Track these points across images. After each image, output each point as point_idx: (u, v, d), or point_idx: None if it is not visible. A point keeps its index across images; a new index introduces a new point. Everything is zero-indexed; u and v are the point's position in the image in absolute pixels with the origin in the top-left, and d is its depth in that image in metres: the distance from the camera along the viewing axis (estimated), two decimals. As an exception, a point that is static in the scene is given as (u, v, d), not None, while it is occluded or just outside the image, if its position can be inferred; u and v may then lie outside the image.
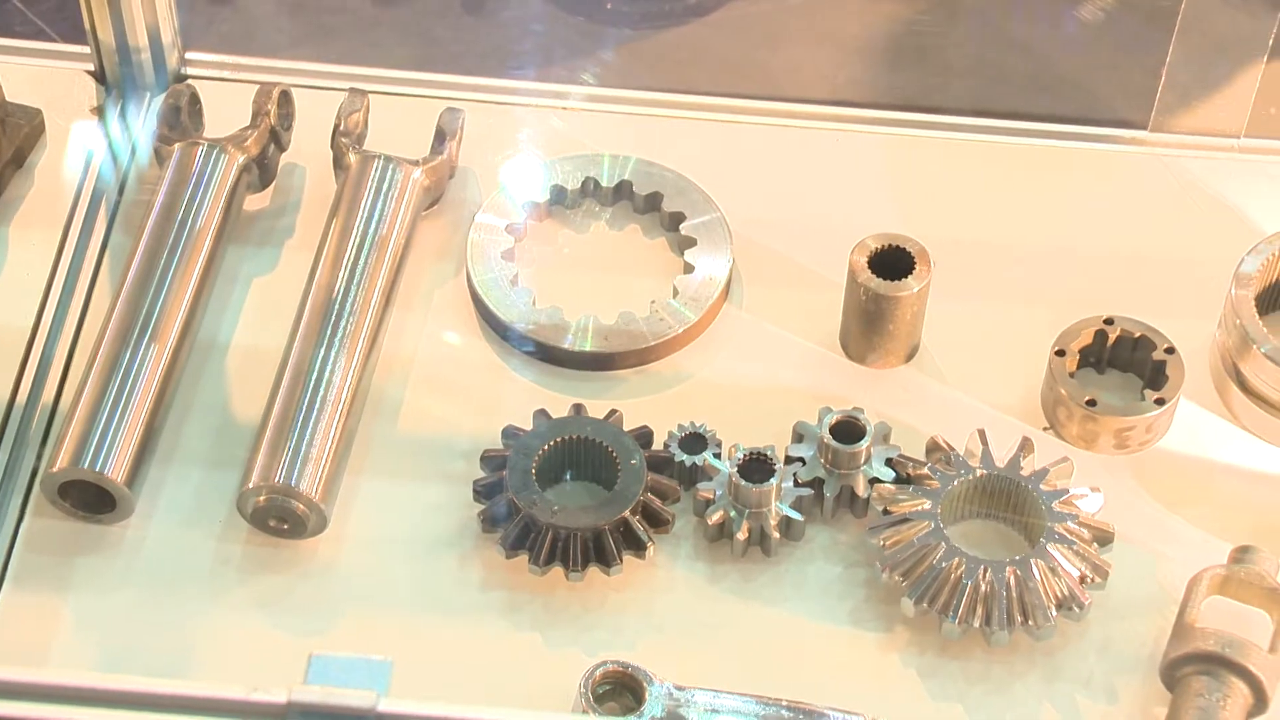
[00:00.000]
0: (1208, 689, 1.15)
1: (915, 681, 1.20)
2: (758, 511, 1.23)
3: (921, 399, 1.32)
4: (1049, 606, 1.19)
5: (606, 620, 1.22)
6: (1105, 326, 1.30)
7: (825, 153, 1.42)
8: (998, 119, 1.44)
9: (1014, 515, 1.25)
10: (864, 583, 1.24)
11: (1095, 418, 1.27)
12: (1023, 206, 1.40)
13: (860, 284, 1.29)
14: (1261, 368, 1.27)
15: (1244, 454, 1.29)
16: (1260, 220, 1.37)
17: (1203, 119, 1.41)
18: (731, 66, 1.49)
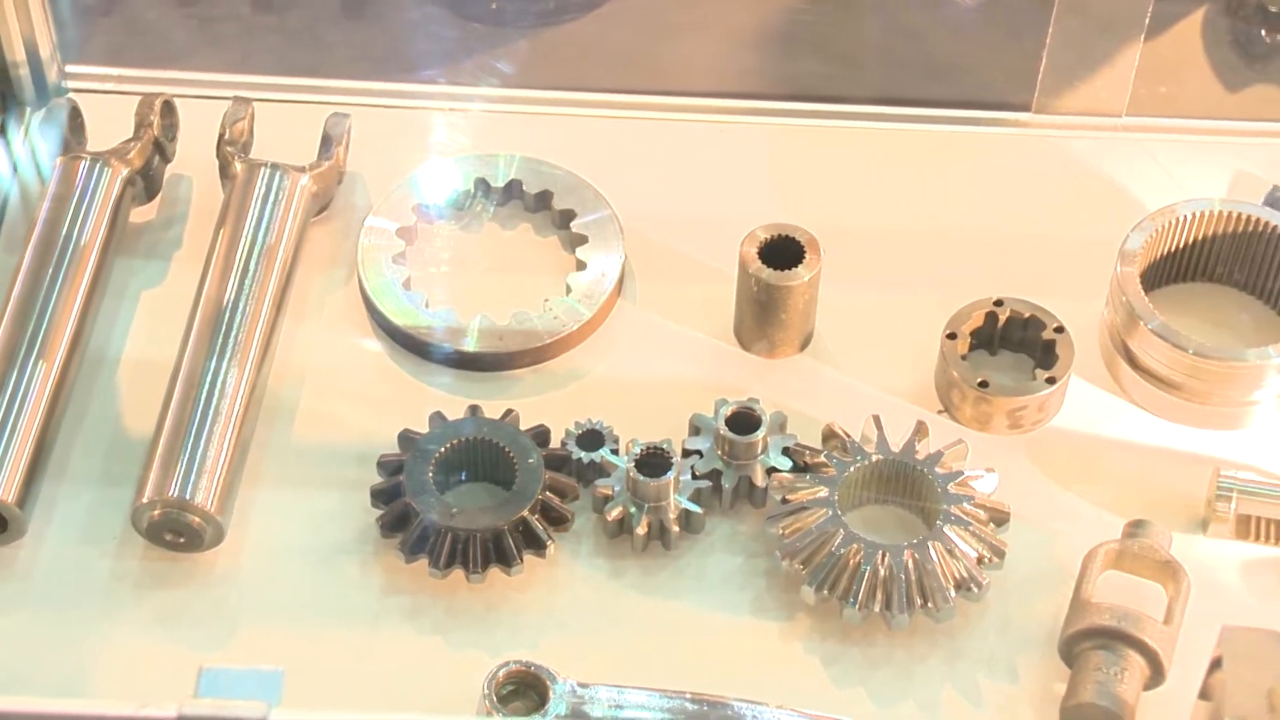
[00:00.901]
0: (1105, 663, 1.16)
1: (818, 668, 1.20)
2: (656, 506, 1.24)
3: (817, 387, 1.32)
4: (948, 588, 1.20)
5: (509, 620, 1.21)
6: (995, 308, 1.32)
7: (713, 145, 1.43)
8: (883, 105, 1.45)
9: (911, 499, 1.26)
10: (764, 572, 1.24)
11: (988, 399, 1.29)
12: (911, 192, 1.41)
13: (751, 275, 1.30)
14: (1149, 343, 1.28)
15: (1135, 429, 1.30)
16: (1144, 197, 1.39)
17: (1085, 99, 1.42)
18: (621, 61, 1.49)
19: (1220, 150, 1.43)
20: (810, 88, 1.46)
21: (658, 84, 1.46)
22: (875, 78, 1.47)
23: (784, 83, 1.47)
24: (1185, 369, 1.28)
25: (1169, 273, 1.35)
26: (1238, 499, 1.23)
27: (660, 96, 1.45)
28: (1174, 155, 1.42)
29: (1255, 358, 1.26)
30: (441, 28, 1.51)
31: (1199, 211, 1.32)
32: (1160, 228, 1.32)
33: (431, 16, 1.51)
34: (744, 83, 1.47)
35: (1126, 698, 1.15)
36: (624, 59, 1.49)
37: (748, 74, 1.48)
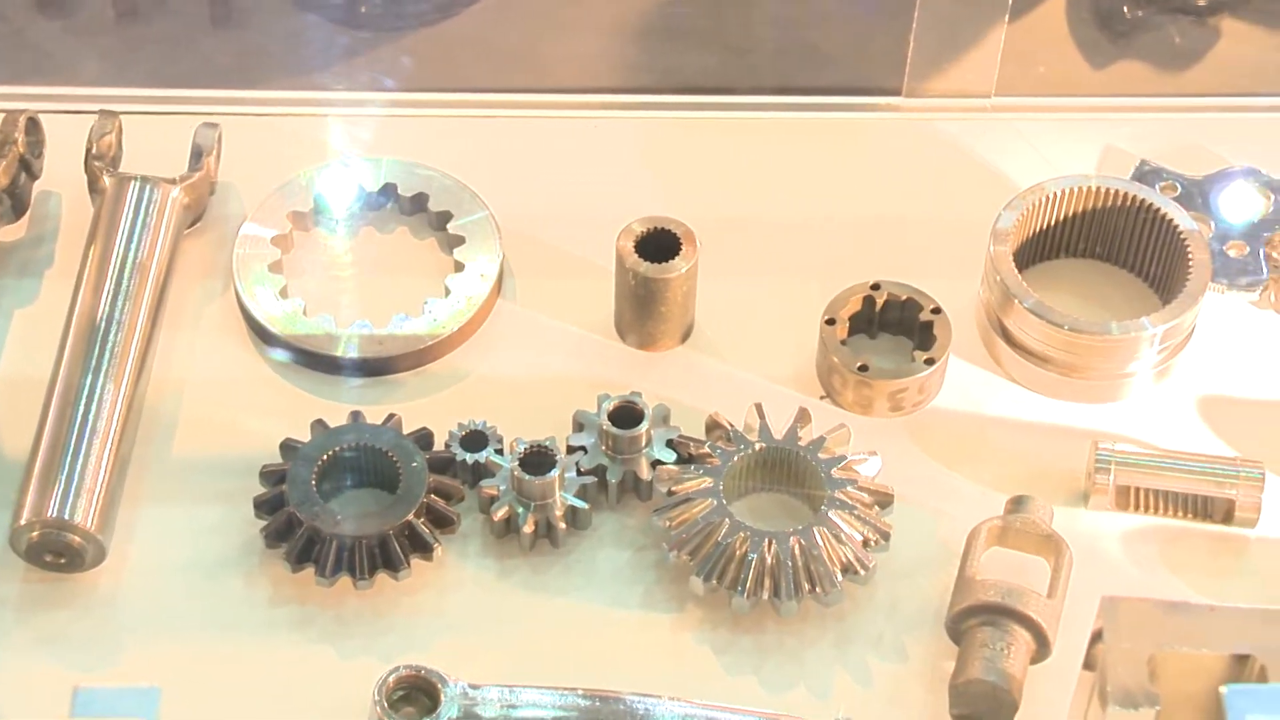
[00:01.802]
0: (991, 639, 1.17)
1: (710, 658, 1.21)
2: (543, 504, 1.23)
3: (699, 378, 1.33)
4: (834, 572, 1.21)
5: (399, 625, 1.21)
6: (872, 292, 1.32)
7: (587, 141, 1.43)
8: (755, 95, 1.45)
9: (795, 485, 1.26)
10: (653, 565, 1.24)
11: (869, 382, 1.29)
12: (785, 179, 1.41)
13: (628, 269, 1.30)
14: (1024, 321, 1.30)
15: (1014, 406, 1.32)
16: (1015, 176, 1.40)
17: (953, 81, 1.43)
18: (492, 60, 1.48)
19: (1089, 127, 1.44)
20: (682, 80, 1.46)
21: (529, 82, 1.46)
22: (746, 68, 1.48)
23: (655, 76, 1.47)
24: (1061, 345, 1.29)
25: (1042, 250, 1.37)
26: (1116, 471, 1.25)
27: (532, 94, 1.45)
28: (1043, 133, 1.44)
29: (1129, 330, 1.28)
30: (311, 34, 1.50)
31: (1068, 188, 1.33)
32: (1031, 206, 1.33)
33: (300, 23, 1.50)
34: (615, 77, 1.47)
35: (1013, 672, 1.16)
36: (495, 58, 1.49)
37: (618, 68, 1.48)
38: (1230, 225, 1.36)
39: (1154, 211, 1.32)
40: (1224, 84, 1.46)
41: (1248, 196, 1.38)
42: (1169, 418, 1.30)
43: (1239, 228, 1.36)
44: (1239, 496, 1.24)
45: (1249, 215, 1.37)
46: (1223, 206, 1.37)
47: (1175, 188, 1.38)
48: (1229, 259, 1.35)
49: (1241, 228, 1.36)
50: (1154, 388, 1.31)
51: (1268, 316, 1.34)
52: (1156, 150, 1.41)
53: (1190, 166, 1.40)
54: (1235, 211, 1.37)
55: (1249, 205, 1.38)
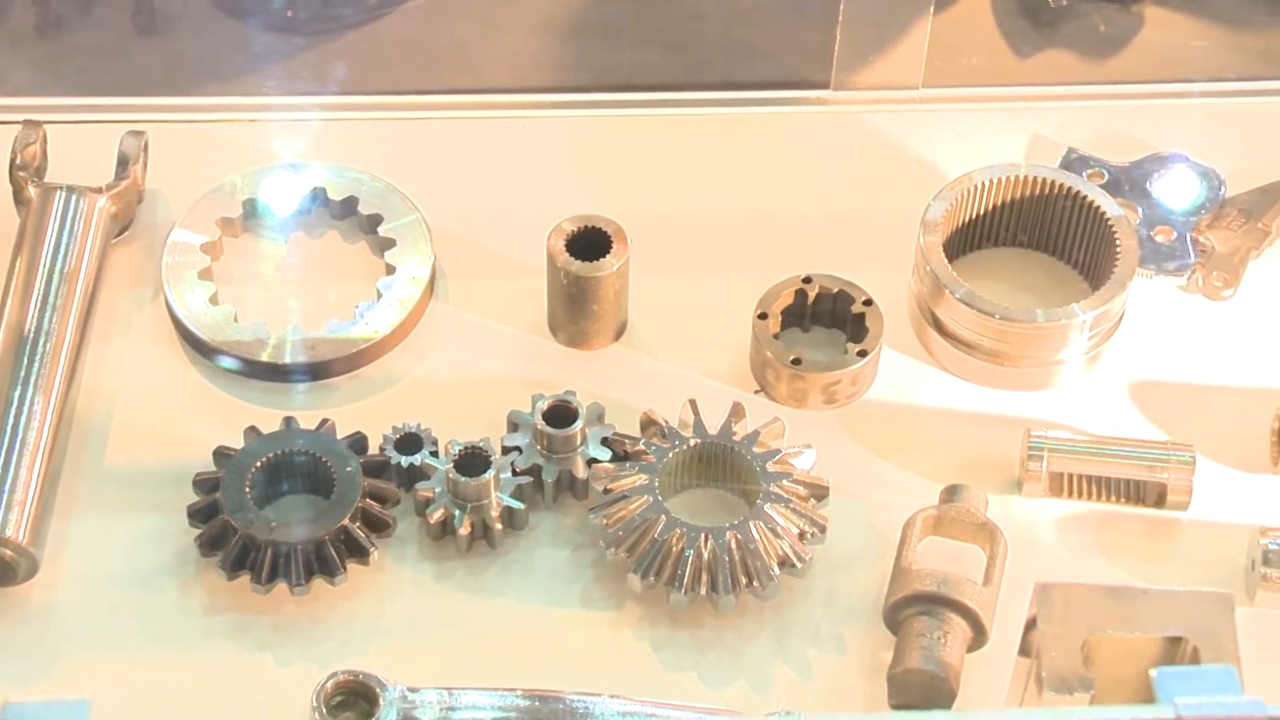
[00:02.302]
0: (928, 628, 1.18)
1: (649, 655, 1.21)
2: (479, 505, 1.23)
3: (633, 375, 1.33)
4: (771, 566, 1.21)
5: (336, 631, 1.21)
6: (804, 285, 1.33)
7: (516, 141, 1.43)
8: (684, 91, 1.45)
9: (731, 480, 1.26)
10: (591, 563, 1.24)
11: (802, 376, 1.30)
12: (716, 175, 1.42)
13: (560, 268, 1.30)
14: (956, 311, 1.30)
15: (947, 396, 1.32)
16: (944, 166, 1.41)
17: (881, 73, 1.44)
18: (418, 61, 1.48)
19: (1016, 116, 1.45)
20: (611, 78, 1.46)
21: (458, 82, 1.45)
22: (674, 65, 1.48)
23: (584, 75, 1.47)
24: (992, 334, 1.30)
25: (972, 239, 1.37)
26: (1049, 457, 1.25)
27: (462, 95, 1.44)
28: (971, 124, 1.44)
29: (1058, 317, 1.29)
30: (237, 40, 1.49)
31: (996, 178, 1.34)
32: (960, 196, 1.33)
33: (226, 29, 1.50)
34: (543, 77, 1.47)
35: (950, 660, 1.17)
36: (423, 59, 1.48)
37: (546, 68, 1.48)
38: (1158, 211, 1.37)
39: (1081, 199, 1.33)
40: (1149, 71, 1.47)
41: (1175, 182, 1.39)
42: (1100, 403, 1.31)
43: (1167, 213, 1.37)
44: (1170, 480, 1.24)
45: (1176, 201, 1.38)
46: (1151, 192, 1.38)
47: (1103, 175, 1.39)
48: (1157, 244, 1.36)
49: (1169, 213, 1.37)
50: (1085, 374, 1.32)
51: (1196, 301, 1.35)
52: (1084, 138, 1.42)
53: (1117, 153, 1.41)
54: (1163, 197, 1.38)
55: (1177, 191, 1.39)
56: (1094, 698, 1.05)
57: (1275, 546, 1.20)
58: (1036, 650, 1.08)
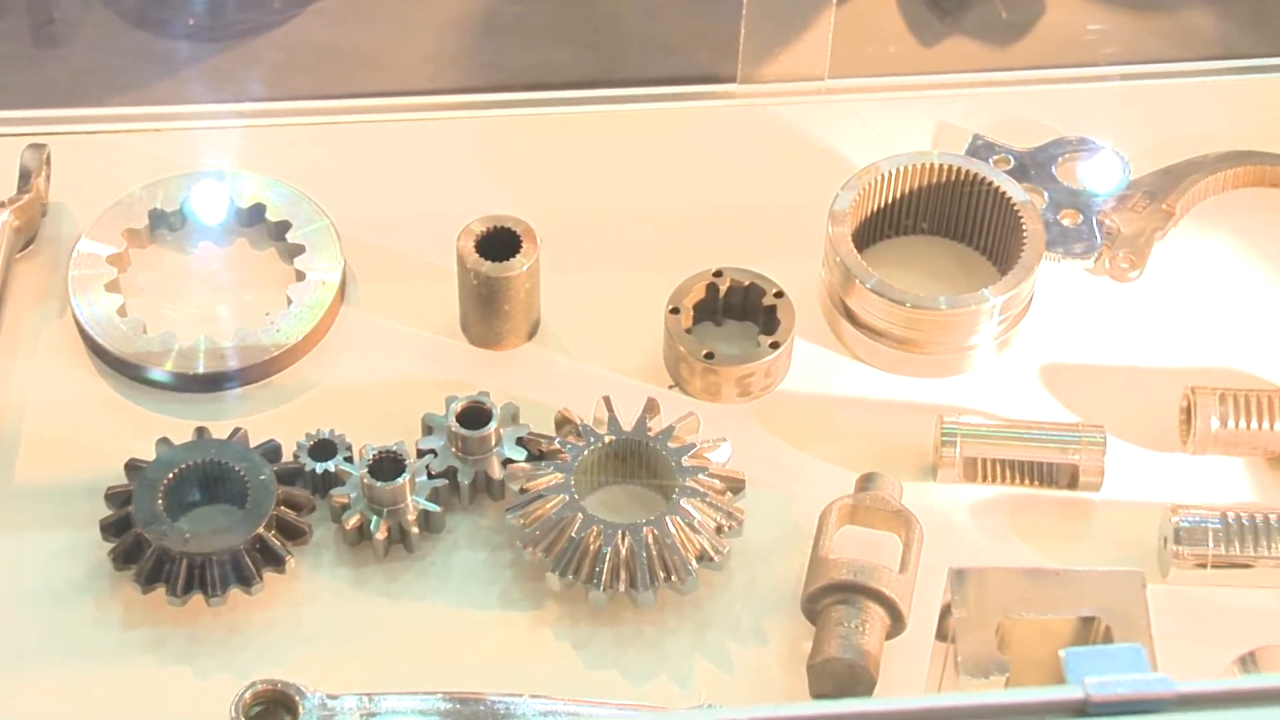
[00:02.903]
0: (846, 617, 1.18)
1: (570, 653, 1.21)
2: (394, 509, 1.23)
3: (547, 374, 1.33)
4: (689, 560, 1.21)
5: (255, 640, 1.20)
6: (715, 279, 1.33)
7: (423, 143, 1.42)
8: (591, 89, 1.45)
9: (647, 476, 1.27)
10: (509, 564, 1.24)
11: (715, 369, 1.30)
12: (625, 172, 1.42)
13: (470, 268, 1.29)
14: (866, 300, 1.31)
15: (860, 384, 1.33)
16: (852, 157, 1.41)
17: (787, 66, 1.44)
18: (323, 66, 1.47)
19: (922, 105, 1.46)
20: (517, 77, 1.46)
21: (362, 86, 1.45)
22: (580, 63, 1.48)
23: (490, 74, 1.47)
24: (904, 322, 1.30)
25: (881, 228, 1.38)
26: (962, 443, 1.26)
27: (366, 99, 1.44)
28: (878, 113, 1.45)
29: (968, 303, 1.29)
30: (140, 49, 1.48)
31: (903, 166, 1.35)
32: (867, 185, 1.34)
33: (128, 39, 1.48)
34: (449, 77, 1.47)
35: (869, 648, 1.17)
36: (326, 64, 1.48)
37: (451, 68, 1.48)
38: (1064, 195, 1.38)
39: (987, 185, 1.34)
40: (1053, 56, 1.48)
41: (1080, 166, 1.40)
42: (1012, 387, 1.32)
43: (1073, 197, 1.38)
44: (1082, 461, 1.25)
45: (1082, 184, 1.39)
46: (1056, 176, 1.39)
47: (1009, 160, 1.40)
48: (1064, 228, 1.37)
49: (1075, 197, 1.38)
50: (996, 359, 1.33)
51: (1103, 283, 1.36)
52: (989, 124, 1.43)
53: (1023, 139, 1.41)
54: (1069, 181, 1.39)
55: (1082, 174, 1.40)
56: (1009, 680, 1.06)
57: (1186, 524, 1.22)
58: (952, 635, 1.08)
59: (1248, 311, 1.35)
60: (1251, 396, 1.26)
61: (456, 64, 1.48)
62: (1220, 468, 1.28)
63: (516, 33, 1.48)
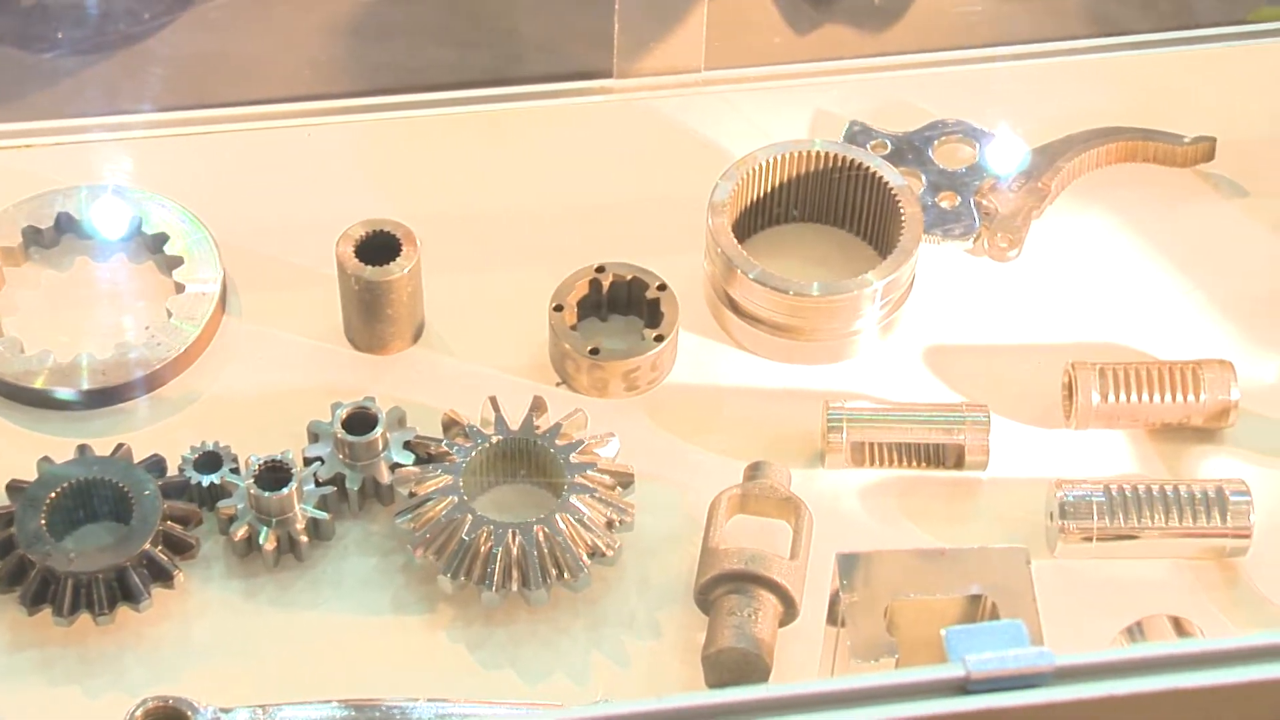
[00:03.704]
0: (739, 606, 1.19)
1: (464, 655, 1.20)
2: (283, 518, 1.22)
3: (434, 377, 1.32)
4: (581, 556, 1.21)
5: (146, 658, 1.19)
6: (598, 275, 1.33)
7: (301, 149, 1.41)
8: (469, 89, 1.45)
9: (537, 475, 1.26)
10: (401, 568, 1.24)
11: (601, 365, 1.30)
12: (505, 171, 1.41)
13: (351, 274, 1.29)
14: (749, 290, 1.31)
15: (746, 374, 1.33)
16: (731, 148, 1.41)
17: (663, 59, 1.44)
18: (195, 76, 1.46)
19: (799, 93, 1.46)
20: (393, 80, 1.45)
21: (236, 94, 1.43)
22: (456, 63, 1.48)
23: (365, 78, 1.46)
24: (786, 310, 1.31)
25: (762, 218, 1.38)
26: (848, 428, 1.27)
27: (240, 107, 1.42)
28: (756, 103, 1.45)
29: (849, 289, 1.30)
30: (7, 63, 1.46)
31: (780, 155, 1.35)
32: (745, 175, 1.34)
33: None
34: (324, 83, 1.46)
35: (763, 636, 1.18)
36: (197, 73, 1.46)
37: (326, 73, 1.47)
38: (941, 177, 1.39)
39: (864, 170, 1.35)
40: (926, 40, 1.49)
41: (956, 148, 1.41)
42: (897, 371, 1.33)
43: (950, 179, 1.39)
44: (967, 441, 1.26)
45: (958, 166, 1.40)
46: (933, 159, 1.40)
47: (886, 145, 1.41)
48: (942, 210, 1.38)
49: (952, 178, 1.39)
50: (880, 343, 1.34)
51: (983, 263, 1.38)
52: (866, 110, 1.44)
53: (899, 123, 1.42)
54: (945, 163, 1.40)
55: (958, 156, 1.41)
56: (899, 661, 1.07)
57: (1071, 499, 1.23)
58: (842, 619, 1.09)
59: (1125, 286, 1.36)
60: (1130, 370, 1.28)
61: (332, 69, 1.47)
62: (1103, 441, 1.29)
63: (391, 36, 1.48)
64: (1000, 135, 1.41)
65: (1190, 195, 1.40)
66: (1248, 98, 1.44)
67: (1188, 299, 1.35)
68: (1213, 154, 1.40)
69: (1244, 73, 1.46)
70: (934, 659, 1.05)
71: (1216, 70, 1.46)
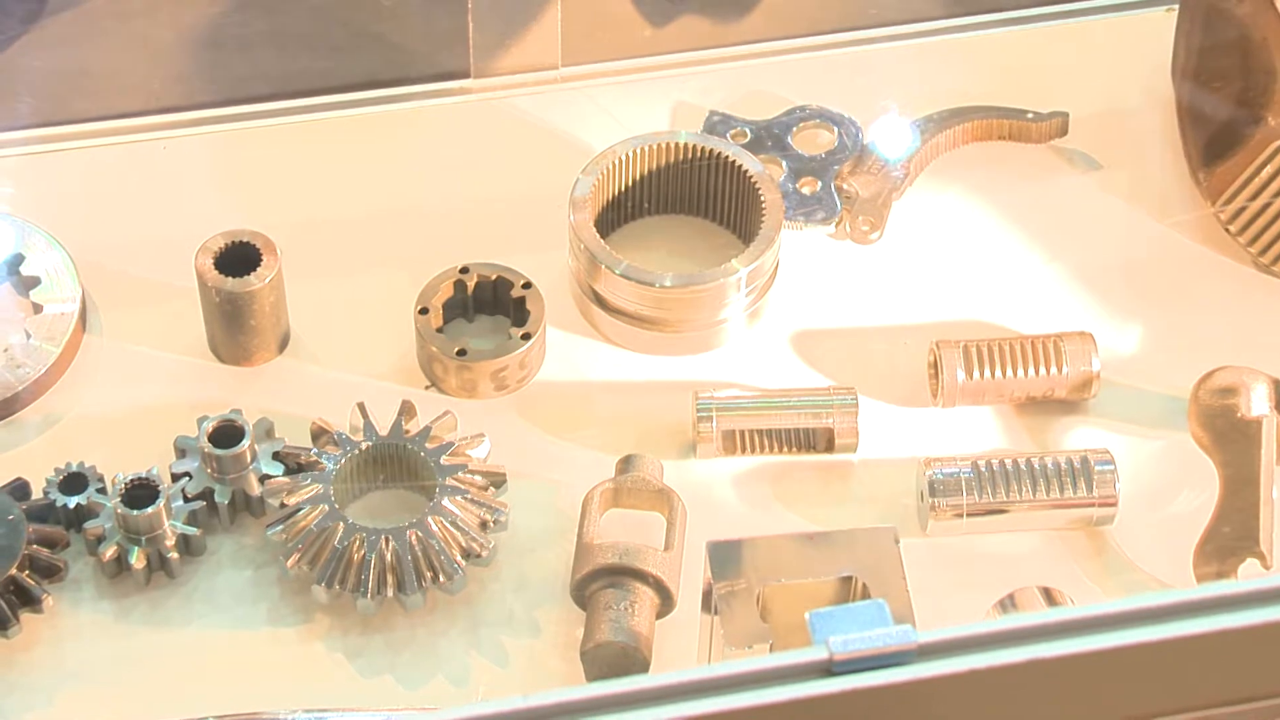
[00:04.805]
0: (615, 600, 1.19)
1: (343, 664, 1.20)
2: (152, 536, 1.21)
3: (301, 386, 1.31)
4: (455, 558, 1.20)
5: (18, 685, 1.17)
6: (462, 276, 1.33)
7: (155, 163, 1.40)
8: (325, 95, 1.44)
9: (409, 479, 1.26)
10: (275, 580, 1.23)
11: (469, 366, 1.29)
12: (367, 176, 1.41)
13: (211, 286, 1.28)
14: (614, 285, 1.31)
15: (616, 369, 1.33)
16: (592, 143, 1.41)
17: (520, 57, 1.44)
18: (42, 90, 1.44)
19: (658, 85, 1.46)
20: (248, 89, 1.44)
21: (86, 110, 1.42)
22: (312, 69, 1.46)
23: (219, 88, 1.44)
24: (653, 302, 1.31)
25: (625, 211, 1.38)
26: (717, 417, 1.27)
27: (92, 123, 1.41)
28: (615, 98, 1.45)
29: (713, 278, 1.30)
30: None
31: (638, 148, 1.35)
32: (605, 170, 1.34)
33: None
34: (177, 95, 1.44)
35: (640, 629, 1.18)
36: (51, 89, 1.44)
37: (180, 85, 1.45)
38: (801, 163, 1.40)
39: (723, 159, 1.35)
40: (782, 28, 1.50)
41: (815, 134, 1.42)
42: (766, 358, 1.34)
43: (810, 164, 1.40)
44: (837, 424, 1.27)
45: (817, 151, 1.41)
46: (793, 145, 1.41)
47: (745, 134, 1.41)
48: (803, 196, 1.39)
49: (812, 164, 1.40)
50: (748, 331, 1.34)
51: (846, 247, 1.38)
52: (725, 100, 1.44)
53: (758, 111, 1.43)
54: (805, 149, 1.41)
55: (817, 142, 1.41)
56: (773, 647, 1.07)
57: (940, 476, 1.24)
58: (715, 608, 1.09)
59: (986, 263, 1.38)
60: (994, 346, 1.29)
61: (185, 80, 1.45)
62: (971, 418, 1.30)
63: (244, 44, 1.46)
64: (858, 119, 1.41)
65: (1046, 170, 1.41)
66: (1097, 72, 1.46)
67: (1048, 271, 1.37)
68: (1066, 129, 1.42)
69: (1094, 47, 1.48)
70: (807, 643, 1.06)
71: (1068, 46, 1.48)
